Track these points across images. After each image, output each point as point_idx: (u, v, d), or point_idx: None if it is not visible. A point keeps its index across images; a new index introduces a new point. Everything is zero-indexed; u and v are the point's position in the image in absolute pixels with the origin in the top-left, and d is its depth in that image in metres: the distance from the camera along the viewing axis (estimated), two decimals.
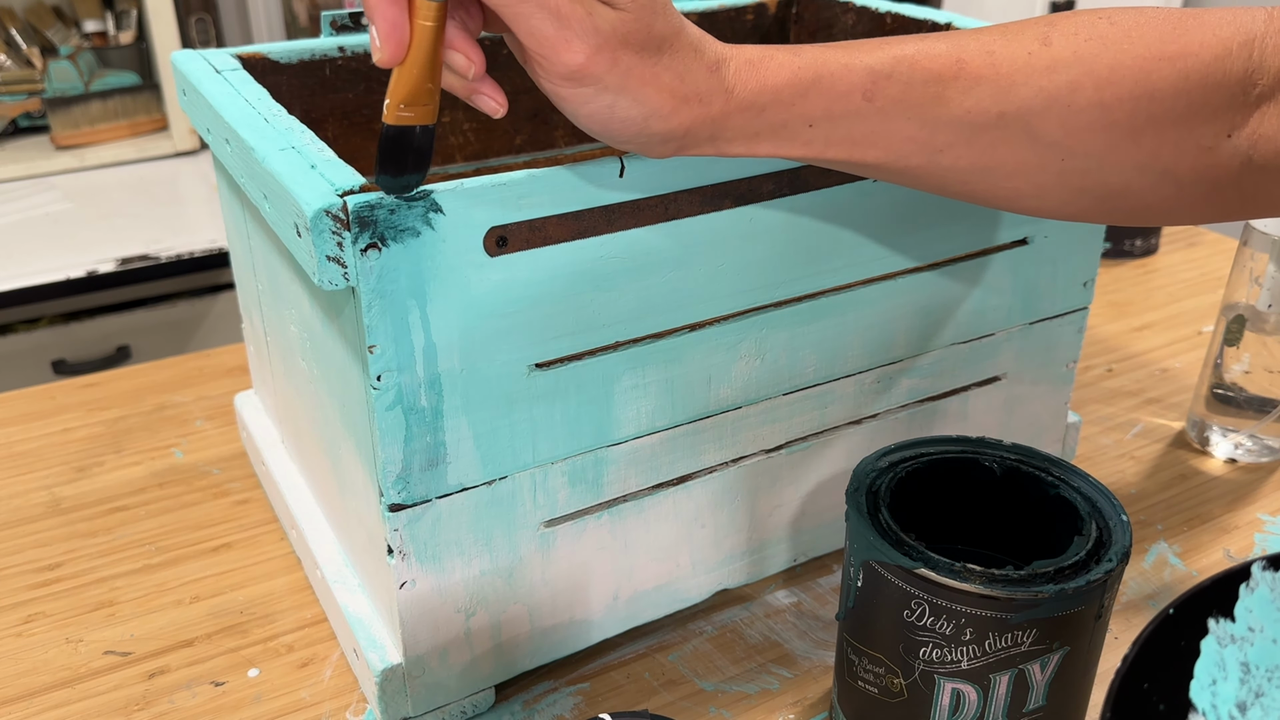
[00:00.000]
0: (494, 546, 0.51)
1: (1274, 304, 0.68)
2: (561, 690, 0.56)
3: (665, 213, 0.48)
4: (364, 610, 0.54)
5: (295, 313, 0.54)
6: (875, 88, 0.43)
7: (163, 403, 0.81)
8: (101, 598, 0.62)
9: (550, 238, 0.46)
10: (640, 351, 0.51)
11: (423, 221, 0.42)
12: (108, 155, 1.73)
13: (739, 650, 0.58)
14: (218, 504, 0.70)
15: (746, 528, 0.59)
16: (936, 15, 0.69)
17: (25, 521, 0.69)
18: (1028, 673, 0.44)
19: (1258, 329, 0.70)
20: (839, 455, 0.60)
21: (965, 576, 0.43)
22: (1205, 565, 0.64)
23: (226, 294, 1.56)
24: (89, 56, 1.75)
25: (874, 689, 0.48)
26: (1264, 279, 0.68)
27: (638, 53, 0.40)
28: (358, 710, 0.54)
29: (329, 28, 0.65)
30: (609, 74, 0.40)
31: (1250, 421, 0.72)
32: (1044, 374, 0.66)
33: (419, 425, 0.46)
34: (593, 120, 0.42)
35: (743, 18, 0.78)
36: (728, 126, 0.43)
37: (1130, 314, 0.93)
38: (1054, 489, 0.49)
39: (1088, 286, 0.65)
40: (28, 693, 0.56)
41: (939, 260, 0.58)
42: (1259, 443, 0.73)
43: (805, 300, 0.54)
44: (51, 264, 1.41)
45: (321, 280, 0.42)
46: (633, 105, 0.41)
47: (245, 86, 0.55)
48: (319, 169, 0.44)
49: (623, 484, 0.53)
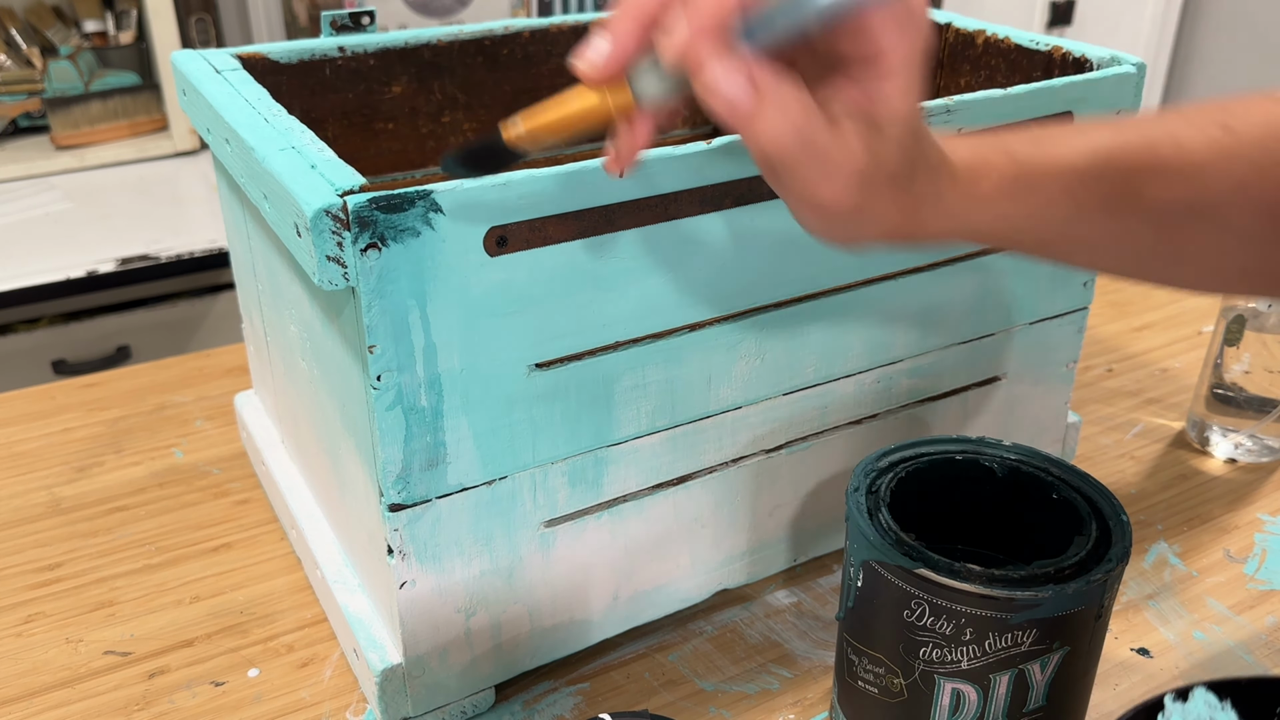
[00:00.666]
0: (494, 546, 0.51)
1: (1274, 304, 0.68)
2: (561, 690, 0.56)
3: (665, 213, 0.48)
4: (364, 610, 0.54)
5: (295, 313, 0.54)
6: (1080, 190, 0.42)
7: (163, 403, 0.81)
8: (101, 598, 0.62)
9: (550, 238, 0.46)
10: (640, 351, 0.51)
11: (423, 221, 0.42)
12: (108, 155, 1.73)
13: (739, 650, 0.58)
14: (218, 504, 0.70)
15: (746, 528, 0.59)
16: (936, 15, 0.69)
17: (25, 521, 0.69)
18: (1028, 673, 0.44)
19: (1258, 329, 0.69)
20: (839, 455, 0.60)
21: (965, 576, 0.43)
22: (1205, 565, 0.64)
23: (226, 294, 1.56)
24: (89, 56, 1.75)
25: (874, 689, 0.48)
26: None
27: (891, 183, 0.38)
28: (358, 710, 0.54)
29: (329, 28, 0.65)
30: (861, 208, 0.38)
31: (1250, 421, 0.72)
32: (1044, 374, 0.66)
33: (419, 425, 0.46)
34: (812, 228, 0.40)
35: None
36: (927, 228, 0.41)
37: (1130, 314, 0.93)
38: (1054, 489, 0.49)
39: (1088, 286, 0.65)
40: (28, 693, 0.56)
41: (939, 260, 0.58)
42: (1259, 443, 0.73)
43: (805, 300, 0.54)
44: (51, 264, 1.41)
45: (321, 280, 0.42)
46: (868, 226, 0.39)
47: (245, 86, 0.55)
48: (319, 169, 0.44)
49: (623, 484, 0.53)
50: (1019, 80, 0.64)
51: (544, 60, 0.72)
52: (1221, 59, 2.31)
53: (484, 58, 0.69)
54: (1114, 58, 0.60)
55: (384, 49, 0.66)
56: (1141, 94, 0.60)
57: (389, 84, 0.67)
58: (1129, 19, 2.34)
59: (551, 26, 0.71)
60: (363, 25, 0.65)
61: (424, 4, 1.86)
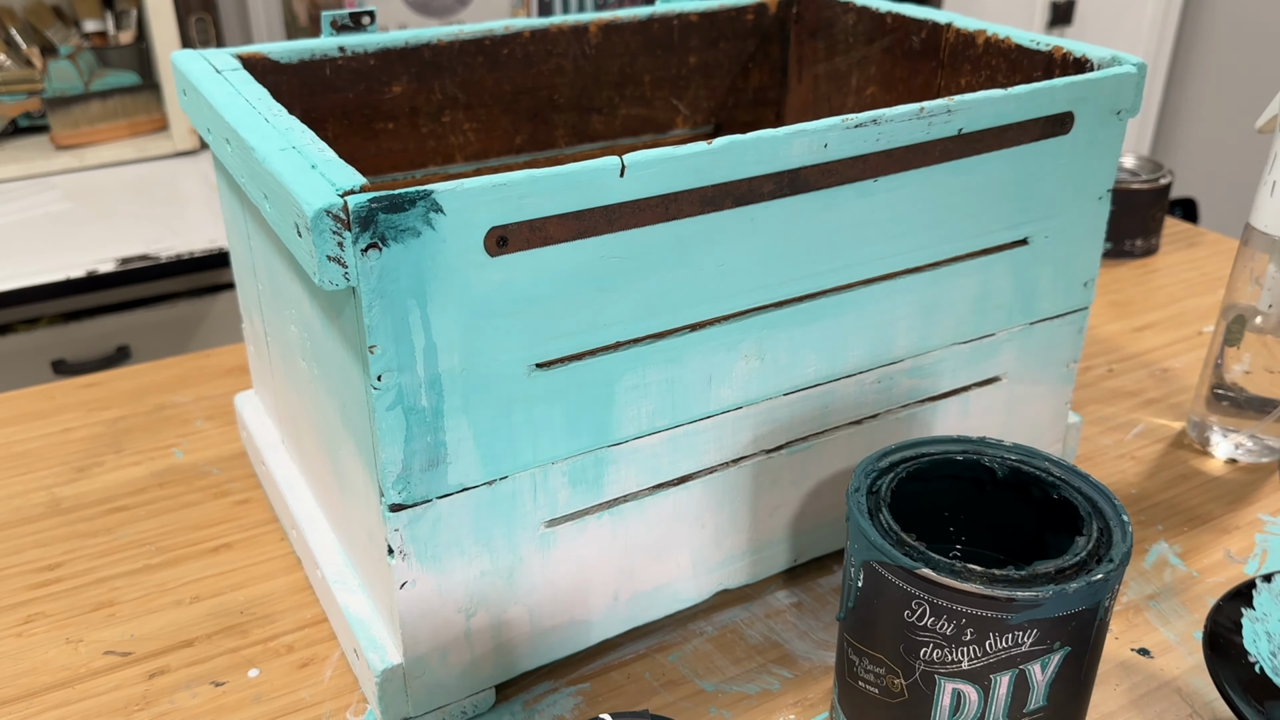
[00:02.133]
0: (494, 546, 0.51)
1: (1274, 304, 0.68)
2: (562, 690, 0.56)
3: (665, 213, 0.48)
4: (364, 610, 0.54)
5: (295, 313, 0.54)
6: None
7: (163, 403, 0.81)
8: (101, 598, 0.62)
9: (551, 238, 0.46)
10: (640, 351, 0.51)
11: (423, 221, 0.42)
12: (108, 155, 1.73)
13: (739, 650, 0.58)
14: (218, 504, 0.70)
15: (746, 528, 0.59)
16: (937, 15, 0.69)
17: (25, 521, 0.69)
18: (1028, 673, 0.44)
19: (1258, 329, 0.70)
20: (839, 455, 0.60)
21: (966, 577, 0.43)
22: (1206, 565, 0.64)
23: (226, 294, 1.56)
24: (89, 56, 1.75)
25: (874, 689, 0.48)
26: (1264, 279, 0.68)
27: None
28: (358, 710, 0.54)
29: (329, 28, 0.65)
30: None
31: (1251, 422, 0.72)
32: (1044, 374, 0.66)
33: (419, 425, 0.46)
34: None
35: (743, 18, 0.78)
36: None
37: (1130, 314, 0.93)
38: (1054, 489, 0.49)
39: (1088, 286, 0.65)
40: (28, 693, 0.56)
41: (939, 260, 0.58)
42: (1259, 443, 0.73)
43: (805, 300, 0.54)
44: (51, 264, 1.41)
45: (322, 280, 0.42)
46: None
47: (245, 86, 0.55)
48: (319, 169, 0.44)
49: (623, 484, 0.53)
50: (1019, 80, 0.64)
51: (544, 60, 0.72)
52: (1221, 59, 2.31)
53: (484, 58, 0.69)
54: (1114, 58, 0.60)
55: (384, 49, 0.66)
56: (1141, 94, 0.60)
57: (389, 84, 0.67)
58: (1129, 19, 2.34)
59: (551, 26, 0.71)
60: (363, 25, 0.65)
61: (424, 4, 1.86)
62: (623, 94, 0.76)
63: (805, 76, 0.80)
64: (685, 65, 0.77)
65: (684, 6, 0.75)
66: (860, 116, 0.51)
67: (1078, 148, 0.59)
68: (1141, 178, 1.01)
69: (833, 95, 0.78)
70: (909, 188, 0.54)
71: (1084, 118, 0.58)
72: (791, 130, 0.49)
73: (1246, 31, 2.24)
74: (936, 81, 0.70)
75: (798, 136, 0.49)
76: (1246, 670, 0.53)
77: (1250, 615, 0.56)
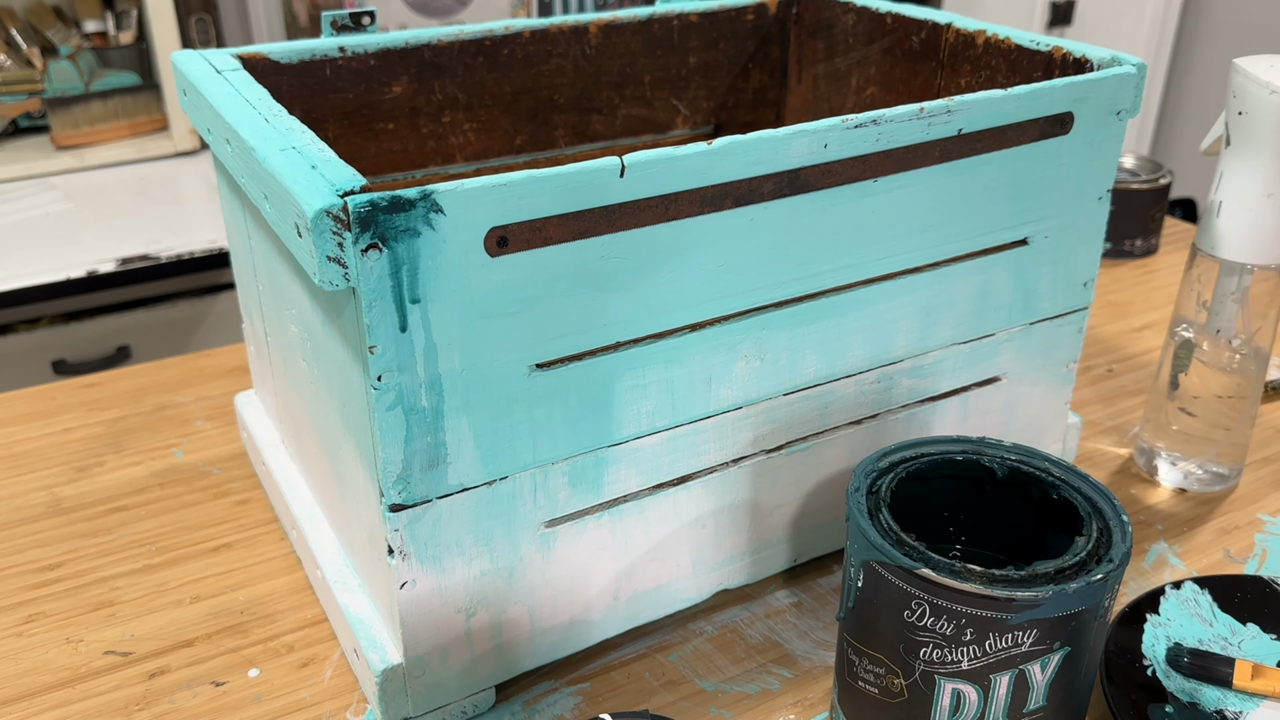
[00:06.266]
0: (494, 546, 0.51)
1: (1222, 329, 0.66)
2: (562, 690, 0.56)
3: (665, 213, 0.48)
4: (364, 610, 0.54)
5: (295, 313, 0.54)
6: None
7: (163, 403, 0.81)
8: (102, 598, 0.62)
9: (550, 238, 0.46)
10: (640, 351, 0.51)
11: (423, 222, 0.42)
12: (108, 155, 1.73)
13: (739, 650, 0.58)
14: (218, 504, 0.70)
15: (746, 528, 0.59)
16: (936, 15, 0.69)
17: (25, 521, 0.69)
18: (1028, 673, 0.44)
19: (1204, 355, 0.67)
20: (839, 455, 0.60)
21: (965, 577, 0.43)
22: (1205, 565, 0.64)
23: (226, 294, 1.56)
24: (89, 56, 1.75)
25: (874, 689, 0.48)
26: (1210, 303, 0.66)
27: None
28: (358, 710, 0.54)
29: (329, 28, 0.65)
30: None
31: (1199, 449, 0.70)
32: (1044, 374, 0.66)
33: (419, 425, 0.46)
34: None
35: (743, 18, 0.78)
36: None
37: (1130, 314, 0.93)
38: (1054, 489, 0.49)
39: (1088, 287, 0.65)
40: (28, 693, 0.56)
41: (939, 260, 0.58)
42: (1209, 471, 0.70)
43: (805, 300, 0.54)
44: (51, 264, 1.41)
45: (322, 280, 0.42)
46: None
47: (245, 86, 0.55)
48: (319, 169, 0.44)
49: (623, 484, 0.53)
50: (1019, 80, 0.64)
51: (544, 60, 0.72)
52: (1221, 59, 2.31)
53: (484, 58, 0.70)
54: (1114, 58, 0.60)
55: (384, 49, 0.66)
56: (1141, 94, 0.60)
57: (389, 84, 0.67)
58: (1129, 19, 2.34)
59: (551, 26, 0.71)
60: (363, 25, 0.65)
61: (424, 4, 1.86)
62: (623, 94, 0.76)
63: (805, 77, 0.80)
64: (685, 65, 0.77)
65: (684, 7, 0.76)
66: (860, 117, 0.51)
67: (1077, 148, 0.59)
68: (1141, 178, 1.01)
69: (833, 96, 0.78)
70: (909, 188, 0.54)
71: (1084, 118, 0.58)
72: (791, 130, 0.49)
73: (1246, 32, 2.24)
74: (936, 82, 0.70)
75: (798, 137, 0.49)
76: (1140, 674, 0.54)
77: (1154, 620, 0.57)
